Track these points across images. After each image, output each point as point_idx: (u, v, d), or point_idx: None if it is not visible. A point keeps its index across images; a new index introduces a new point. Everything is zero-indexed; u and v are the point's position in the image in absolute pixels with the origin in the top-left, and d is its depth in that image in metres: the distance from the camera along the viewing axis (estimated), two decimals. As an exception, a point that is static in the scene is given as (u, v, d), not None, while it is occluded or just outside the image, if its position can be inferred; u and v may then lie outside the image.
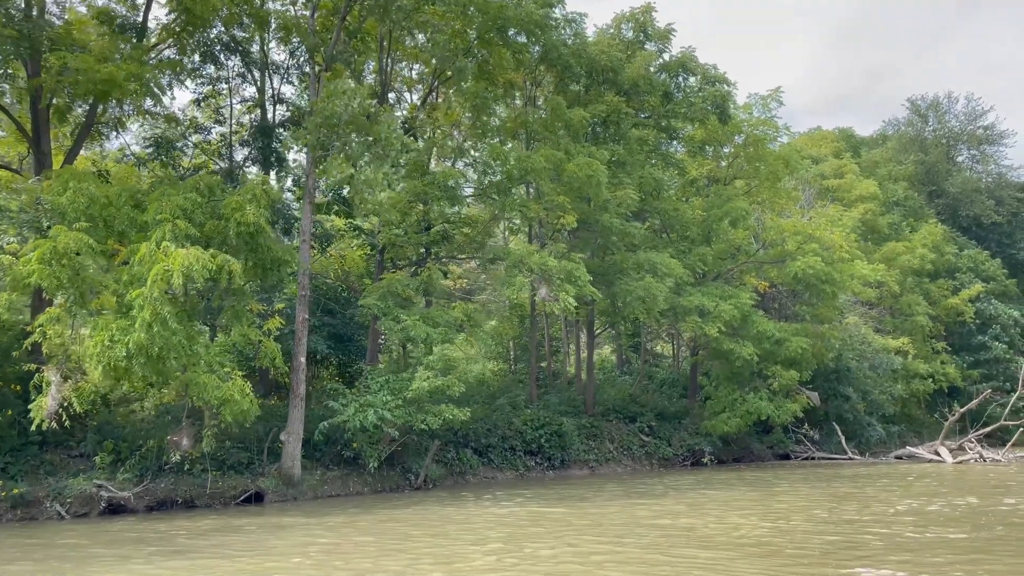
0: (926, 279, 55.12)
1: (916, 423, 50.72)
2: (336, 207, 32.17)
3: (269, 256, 20.04)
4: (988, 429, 39.04)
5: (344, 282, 31.76)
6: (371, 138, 21.03)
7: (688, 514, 19.71)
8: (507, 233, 42.25)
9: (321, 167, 22.25)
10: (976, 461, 36.10)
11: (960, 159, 72.33)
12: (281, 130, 28.17)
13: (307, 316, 23.39)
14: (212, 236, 19.39)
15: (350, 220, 33.66)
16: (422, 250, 31.10)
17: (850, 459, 39.36)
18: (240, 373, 19.95)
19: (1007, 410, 39.66)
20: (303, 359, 23.34)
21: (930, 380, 51.14)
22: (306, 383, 31.70)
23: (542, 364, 42.12)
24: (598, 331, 40.52)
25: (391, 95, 35.13)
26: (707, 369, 40.06)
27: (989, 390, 42.96)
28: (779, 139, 42.29)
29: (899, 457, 39.27)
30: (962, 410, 39.21)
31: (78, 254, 17.65)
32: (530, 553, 14.72)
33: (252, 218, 18.70)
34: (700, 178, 43.17)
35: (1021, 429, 38.56)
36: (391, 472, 26.06)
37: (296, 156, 30.51)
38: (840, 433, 40.56)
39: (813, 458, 39.99)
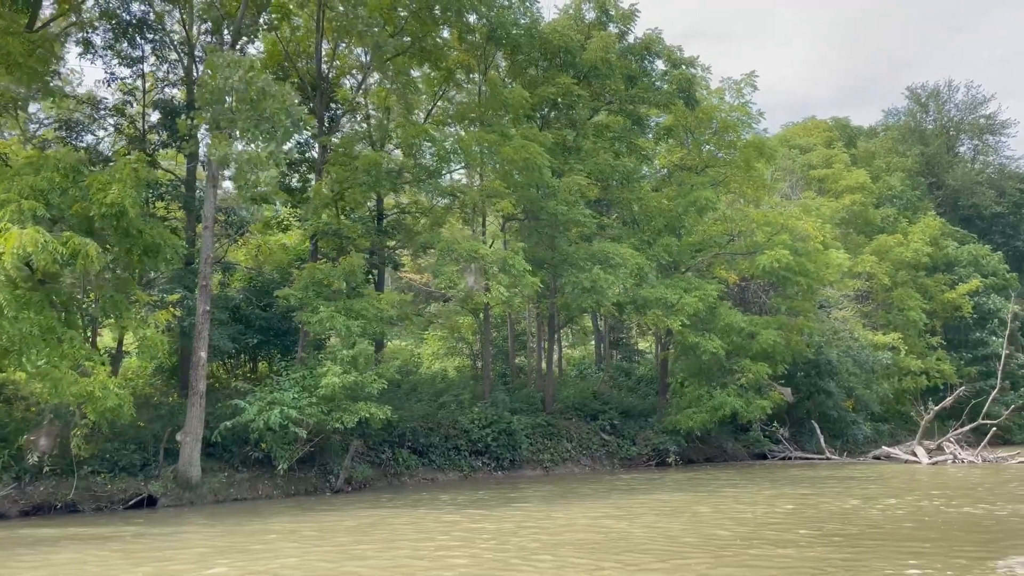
0: (922, 273, 53.05)
1: (910, 421, 48.62)
2: (281, 195, 30.71)
3: (141, 241, 18.53)
4: (966, 428, 37.10)
5: (280, 272, 30.29)
6: (258, 115, 19.48)
7: (580, 516, 18.54)
8: (474, 225, 40.69)
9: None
10: (952, 462, 34.18)
11: (961, 149, 70.26)
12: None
13: (208, 308, 21.87)
14: (79, 219, 17.91)
15: (296, 209, 32.19)
16: (369, 242, 29.71)
17: (828, 459, 37.49)
18: (107, 368, 18.45)
19: (985, 408, 37.65)
20: (203, 354, 21.82)
21: (924, 377, 49.09)
22: (241, 379, 30.53)
23: (513, 361, 40.51)
24: (562, 325, 38.86)
25: (346, 80, 33.75)
26: (675, 364, 38.29)
27: (963, 387, 40.82)
28: (754, 126, 40.35)
29: (877, 457, 37.31)
30: (936, 408, 37.35)
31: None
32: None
33: (113, 198, 17.19)
34: (673, 167, 41.39)
35: (994, 429, 36.56)
36: (308, 474, 24.50)
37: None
38: (819, 432, 38.68)
39: (790, 458, 38.17)
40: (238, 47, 24.20)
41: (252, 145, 19.78)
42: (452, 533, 16.38)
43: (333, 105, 31.71)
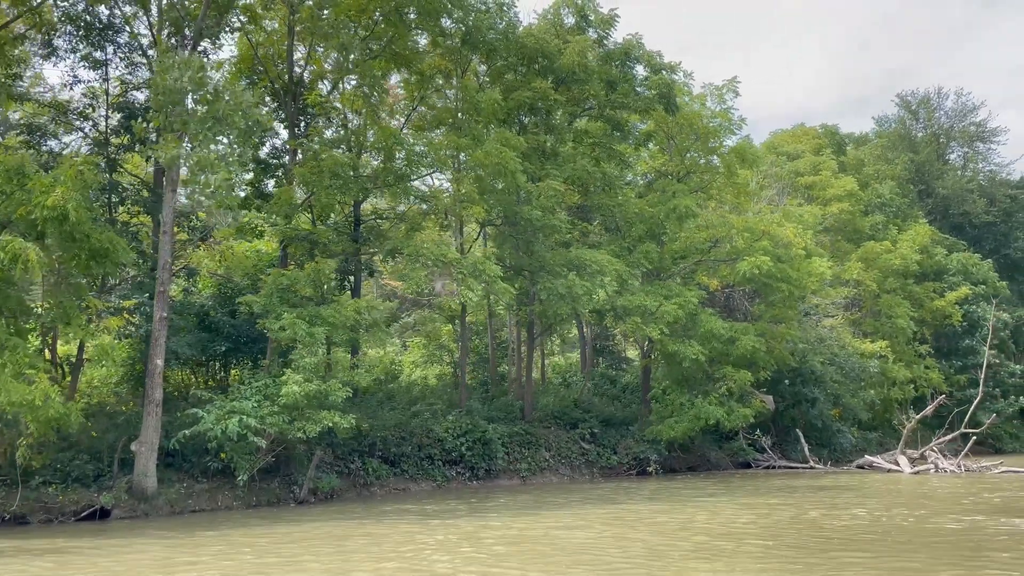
0: (911, 281, 52.58)
1: (898, 430, 48.05)
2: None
3: (88, 246, 18.03)
4: (949, 437, 36.60)
5: (250, 279, 29.77)
6: (211, 117, 19.04)
7: (537, 527, 18.18)
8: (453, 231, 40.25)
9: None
10: (934, 471, 33.67)
11: (952, 157, 69.98)
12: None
13: (166, 314, 21.37)
14: (26, 223, 17.44)
15: (270, 215, 31.71)
16: (341, 248, 29.20)
17: (811, 468, 36.97)
18: (47, 376, 17.96)
19: (967, 416, 37.13)
20: (160, 361, 21.31)
21: (911, 386, 48.59)
22: (205, 387, 29.99)
23: (495, 369, 39.99)
24: (542, 332, 38.35)
25: (323, 84, 33.31)
26: (657, 372, 37.79)
27: (943, 396, 40.24)
28: (736, 132, 39.86)
29: (861, 466, 36.78)
30: (918, 416, 36.88)
31: None
32: None
33: (55, 201, 16.71)
34: (655, 173, 40.99)
35: (975, 438, 36.04)
36: (271, 484, 23.93)
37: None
38: (803, 440, 38.14)
39: (774, 467, 37.60)
40: (200, 49, 23.77)
41: (204, 148, 19.29)
42: (399, 544, 15.90)
43: (311, 110, 31.29)
